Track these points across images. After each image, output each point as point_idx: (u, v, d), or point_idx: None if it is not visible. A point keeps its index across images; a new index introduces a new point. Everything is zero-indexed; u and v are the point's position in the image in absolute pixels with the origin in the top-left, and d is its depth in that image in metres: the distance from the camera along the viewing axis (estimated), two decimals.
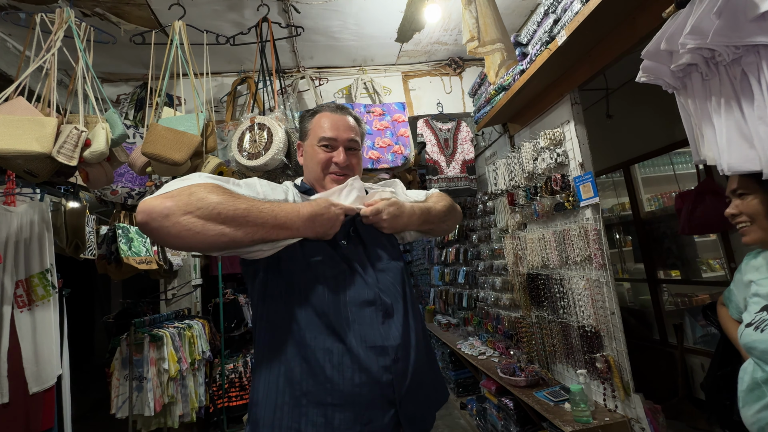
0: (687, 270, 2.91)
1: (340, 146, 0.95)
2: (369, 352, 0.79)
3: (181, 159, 1.53)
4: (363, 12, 2.20)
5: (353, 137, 0.97)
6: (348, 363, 0.78)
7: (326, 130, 0.96)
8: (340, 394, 0.76)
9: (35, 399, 1.70)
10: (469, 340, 3.19)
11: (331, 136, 0.95)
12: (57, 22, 1.55)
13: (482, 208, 3.04)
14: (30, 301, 1.77)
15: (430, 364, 0.93)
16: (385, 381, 0.78)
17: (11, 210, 1.80)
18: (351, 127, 0.98)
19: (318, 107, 1.02)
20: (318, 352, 0.78)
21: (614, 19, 1.49)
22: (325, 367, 0.77)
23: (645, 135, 2.95)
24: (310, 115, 1.01)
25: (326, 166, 0.95)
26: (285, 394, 0.78)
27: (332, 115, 0.98)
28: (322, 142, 0.95)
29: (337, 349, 0.78)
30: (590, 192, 1.80)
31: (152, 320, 2.94)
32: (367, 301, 0.83)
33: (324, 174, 0.95)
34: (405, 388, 0.81)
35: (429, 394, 0.89)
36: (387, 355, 0.80)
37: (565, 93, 1.95)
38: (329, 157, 0.95)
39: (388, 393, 0.79)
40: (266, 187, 0.86)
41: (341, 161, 0.94)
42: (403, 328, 0.84)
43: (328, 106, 1.01)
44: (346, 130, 0.96)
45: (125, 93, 2.54)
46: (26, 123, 1.32)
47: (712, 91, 0.87)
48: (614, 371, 1.72)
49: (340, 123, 0.97)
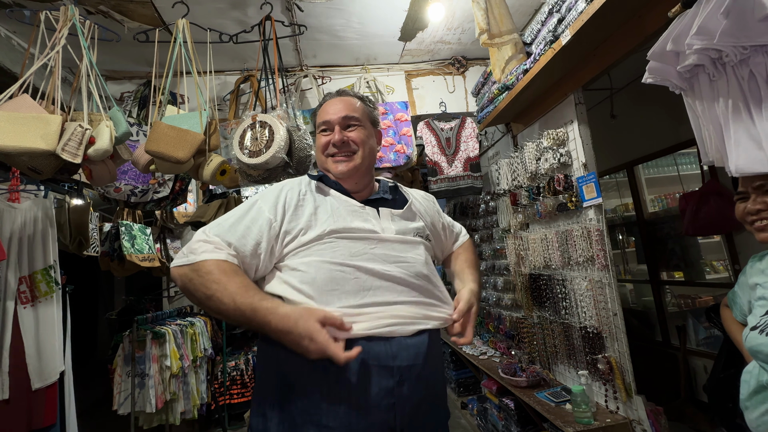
0: (690, 271, 2.90)
1: (335, 126, 0.96)
2: (371, 371, 0.77)
3: (185, 157, 1.53)
4: (366, 10, 2.19)
5: (348, 114, 0.96)
6: (346, 384, 0.76)
7: (322, 115, 0.98)
8: (336, 416, 0.75)
9: (38, 395, 1.71)
10: None
11: (325, 119, 0.97)
12: (61, 19, 1.56)
13: (485, 208, 3.04)
14: (33, 297, 1.78)
15: (439, 381, 0.91)
16: (384, 406, 0.76)
17: (15, 206, 1.81)
18: (346, 106, 0.98)
19: (323, 98, 1.04)
20: (317, 370, 0.77)
21: (619, 18, 1.48)
22: (322, 386, 0.77)
23: (649, 135, 2.93)
24: (318, 107, 1.03)
25: (325, 149, 0.97)
26: (282, 411, 0.79)
27: (330, 100, 1.00)
28: (321, 127, 0.98)
29: (335, 367, 0.74)
30: (593, 192, 1.79)
31: (155, 317, 2.95)
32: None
33: (325, 157, 0.97)
34: (408, 415, 0.78)
35: (435, 420, 0.87)
36: (391, 376, 0.77)
37: (569, 93, 1.94)
38: (327, 139, 0.96)
39: (389, 420, 0.77)
40: (277, 209, 0.87)
41: (336, 140, 0.94)
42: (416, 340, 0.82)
43: (332, 93, 1.03)
44: (339, 110, 0.97)
45: (129, 91, 2.54)
46: (31, 120, 1.32)
47: (720, 92, 0.86)
48: (616, 372, 1.71)
49: (333, 105, 0.98)
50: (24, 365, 1.68)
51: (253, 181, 1.76)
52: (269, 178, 1.74)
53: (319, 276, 0.80)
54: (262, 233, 0.83)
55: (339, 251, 0.83)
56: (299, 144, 1.71)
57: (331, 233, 0.85)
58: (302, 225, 0.85)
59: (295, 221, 0.86)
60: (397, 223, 0.94)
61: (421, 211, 1.04)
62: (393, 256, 0.87)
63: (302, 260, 0.83)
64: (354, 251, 0.84)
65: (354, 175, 0.94)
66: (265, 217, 0.84)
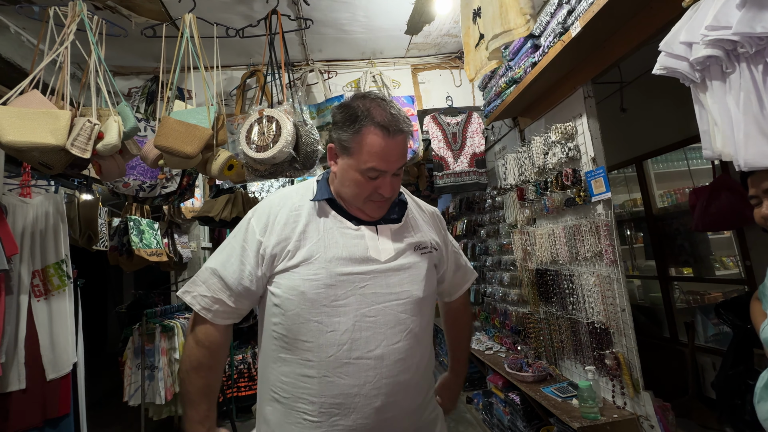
0: (700, 267, 2.87)
1: (388, 176, 0.83)
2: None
3: (193, 152, 1.54)
4: (373, 4, 2.17)
5: (403, 163, 0.85)
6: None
7: (376, 160, 0.80)
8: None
9: (52, 385, 1.74)
10: (476, 335, 3.18)
11: (382, 169, 0.81)
12: (70, 15, 1.56)
13: (491, 203, 3.02)
14: (46, 291, 1.81)
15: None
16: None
17: (27, 202, 1.84)
18: (402, 153, 0.84)
19: (364, 113, 0.81)
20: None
21: (631, 8, 1.45)
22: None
23: (659, 129, 2.88)
24: (355, 126, 0.81)
25: (369, 194, 0.84)
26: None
27: (387, 139, 0.80)
28: (371, 172, 0.81)
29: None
30: (602, 187, 1.77)
31: (163, 311, 2.99)
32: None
33: (365, 200, 0.86)
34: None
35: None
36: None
37: (577, 86, 1.91)
38: (374, 186, 0.83)
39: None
40: (274, 234, 0.85)
41: (387, 193, 0.84)
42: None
43: (384, 123, 0.80)
44: (399, 158, 0.83)
45: (136, 86, 2.56)
46: (41, 116, 1.34)
47: (732, 85, 0.84)
48: (624, 368, 1.70)
49: (392, 152, 0.81)
50: (39, 357, 1.72)
51: (259, 175, 1.76)
52: (275, 172, 1.74)
53: (291, 330, 0.83)
54: (252, 267, 0.86)
55: (320, 292, 0.81)
56: (306, 139, 1.71)
57: (317, 260, 0.82)
58: (290, 247, 0.84)
59: (283, 243, 0.85)
60: (397, 237, 0.89)
61: (425, 224, 0.98)
62: (383, 294, 0.83)
63: (284, 284, 0.84)
64: (334, 296, 0.81)
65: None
66: (253, 249, 0.86)
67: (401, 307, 0.84)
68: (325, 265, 0.81)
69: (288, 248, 0.83)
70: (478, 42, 1.81)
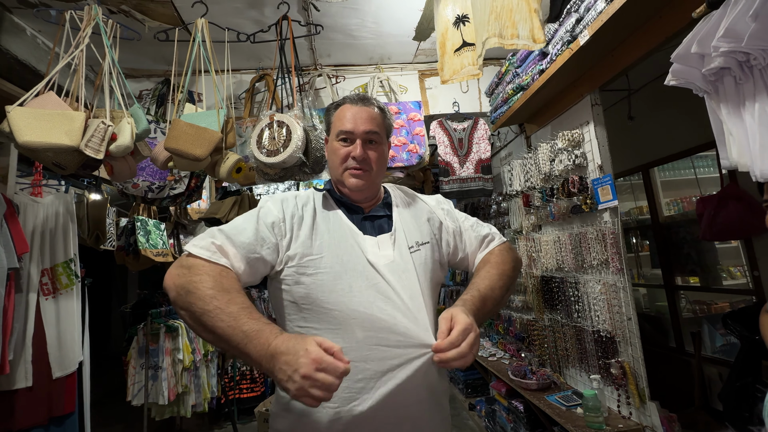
0: (706, 277, 2.84)
1: (357, 139, 0.92)
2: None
3: (203, 154, 1.56)
4: (382, 10, 2.19)
5: (372, 129, 0.93)
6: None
7: (344, 123, 0.93)
8: None
9: (58, 383, 1.76)
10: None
11: (348, 129, 0.92)
12: (85, 19, 1.59)
13: (496, 209, 3.02)
14: (54, 289, 1.83)
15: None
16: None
17: (38, 201, 1.87)
18: (371, 119, 0.94)
19: (342, 99, 0.98)
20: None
21: (640, 18, 1.46)
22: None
23: (667, 137, 2.88)
24: (334, 108, 0.98)
25: (344, 161, 0.92)
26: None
27: (352, 107, 0.94)
28: (341, 135, 0.93)
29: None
30: (609, 195, 1.77)
31: (168, 311, 3.00)
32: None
33: (342, 170, 0.93)
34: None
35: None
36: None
37: (585, 93, 1.92)
38: (347, 151, 0.92)
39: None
40: (285, 223, 0.87)
41: (357, 155, 0.91)
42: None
43: (352, 97, 0.97)
44: (365, 122, 0.93)
45: (147, 89, 2.59)
46: (56, 117, 1.36)
47: (746, 96, 0.85)
48: (629, 377, 1.69)
49: (358, 115, 0.93)
50: (45, 354, 1.73)
51: (269, 179, 1.78)
52: (285, 176, 1.75)
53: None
54: (266, 240, 0.84)
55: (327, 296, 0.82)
56: (315, 143, 1.73)
57: (318, 259, 0.84)
58: (301, 239, 0.86)
59: (292, 233, 0.87)
60: (391, 241, 0.91)
61: (415, 219, 0.98)
62: (380, 295, 0.83)
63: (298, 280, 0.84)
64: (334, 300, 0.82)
65: (365, 189, 0.94)
66: (269, 224, 0.86)
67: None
68: (335, 259, 0.85)
69: (300, 237, 0.86)
70: (459, 48, 1.82)
